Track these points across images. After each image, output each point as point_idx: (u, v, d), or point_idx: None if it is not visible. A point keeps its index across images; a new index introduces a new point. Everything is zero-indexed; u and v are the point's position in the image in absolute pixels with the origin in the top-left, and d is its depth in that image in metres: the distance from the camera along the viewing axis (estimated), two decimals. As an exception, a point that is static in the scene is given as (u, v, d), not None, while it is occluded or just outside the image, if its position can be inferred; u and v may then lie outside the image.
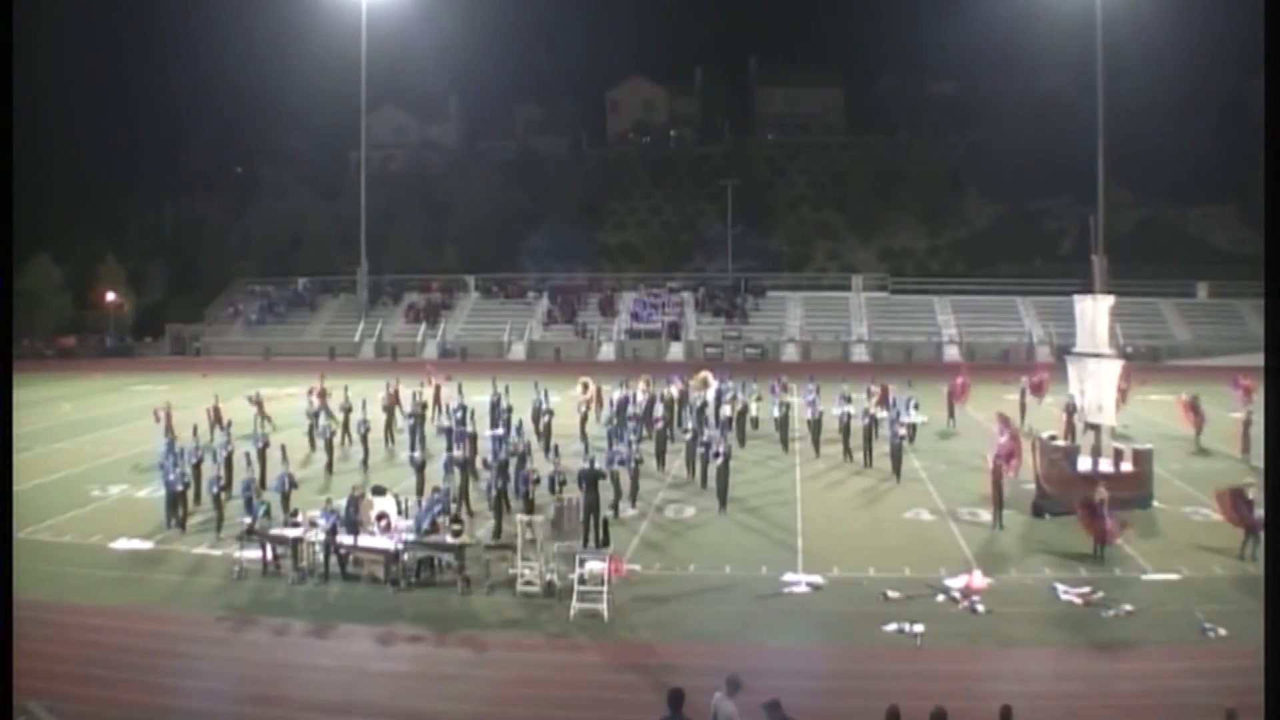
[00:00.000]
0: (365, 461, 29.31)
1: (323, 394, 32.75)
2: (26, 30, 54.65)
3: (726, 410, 31.83)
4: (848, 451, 29.83)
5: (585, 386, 34.67)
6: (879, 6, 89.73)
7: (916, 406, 32.63)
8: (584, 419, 33.03)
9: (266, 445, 26.40)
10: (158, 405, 32.44)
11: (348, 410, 32.38)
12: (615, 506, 23.57)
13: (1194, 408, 32.73)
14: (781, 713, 10.73)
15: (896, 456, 27.76)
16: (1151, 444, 26.50)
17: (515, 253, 78.26)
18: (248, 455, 23.97)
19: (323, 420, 30.85)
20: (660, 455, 29.13)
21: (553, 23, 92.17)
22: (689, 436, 28.56)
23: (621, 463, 24.27)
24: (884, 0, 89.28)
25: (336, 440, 29.93)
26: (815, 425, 30.89)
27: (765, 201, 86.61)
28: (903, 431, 29.04)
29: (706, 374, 35.62)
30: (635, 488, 24.71)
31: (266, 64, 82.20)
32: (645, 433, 30.18)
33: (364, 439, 30.19)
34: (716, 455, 24.96)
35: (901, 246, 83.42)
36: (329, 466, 28.43)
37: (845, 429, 29.93)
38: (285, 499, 22.21)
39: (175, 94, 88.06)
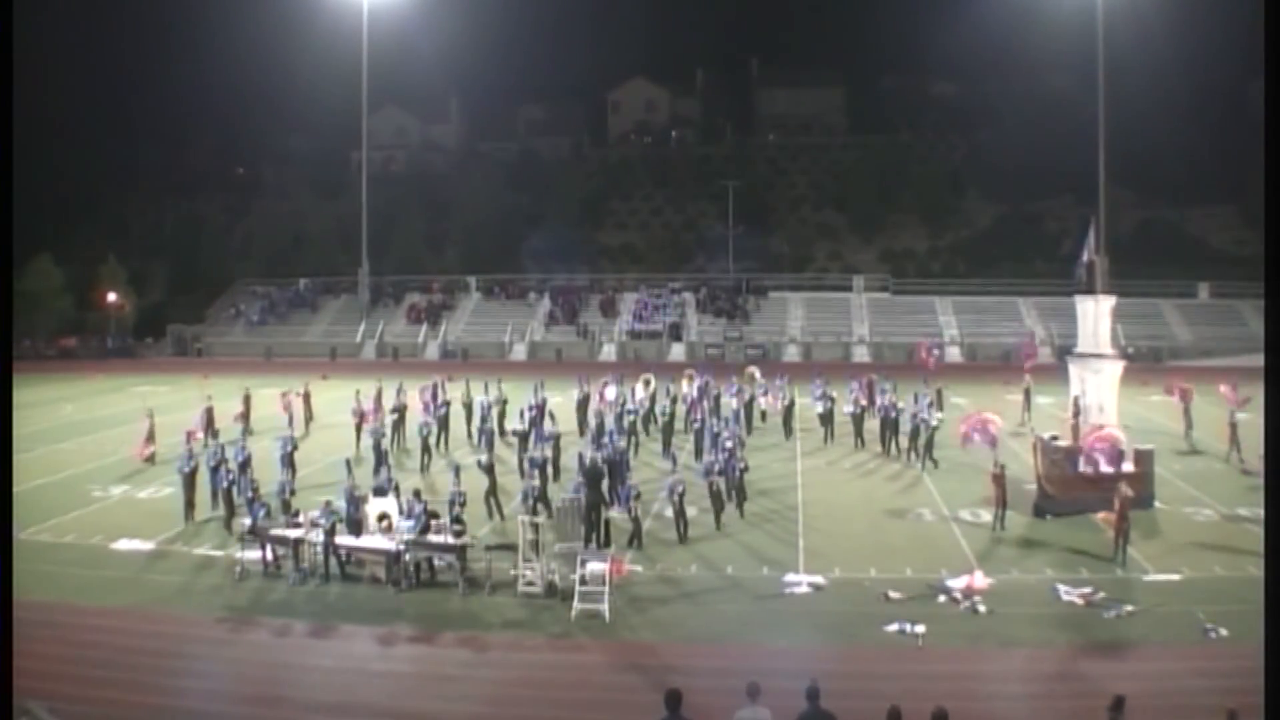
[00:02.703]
0: (426, 465, 29.06)
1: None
2: (27, 30, 54.67)
3: (734, 403, 33.60)
4: (885, 443, 31.15)
5: (647, 383, 35.51)
6: (880, 7, 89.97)
7: (931, 405, 32.73)
8: (647, 417, 33.69)
9: (295, 448, 26.45)
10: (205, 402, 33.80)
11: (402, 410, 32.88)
12: (718, 518, 22.83)
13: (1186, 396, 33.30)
14: (818, 702, 10.88)
15: (929, 448, 29.24)
16: (1153, 445, 26.49)
17: (516, 253, 78.33)
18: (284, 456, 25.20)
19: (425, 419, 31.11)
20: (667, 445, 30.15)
21: (554, 24, 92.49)
22: (697, 426, 29.68)
23: (720, 472, 23.50)
24: (885, 1, 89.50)
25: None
26: (858, 419, 32.49)
27: (766, 202, 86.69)
28: (935, 422, 30.02)
29: (753, 369, 37.98)
30: (743, 494, 23.89)
31: (267, 64, 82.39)
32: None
33: (425, 442, 29.82)
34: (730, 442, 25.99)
35: (903, 247, 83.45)
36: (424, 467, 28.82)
37: (890, 423, 31.33)
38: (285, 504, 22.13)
39: (176, 94, 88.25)
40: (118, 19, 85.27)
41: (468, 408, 32.68)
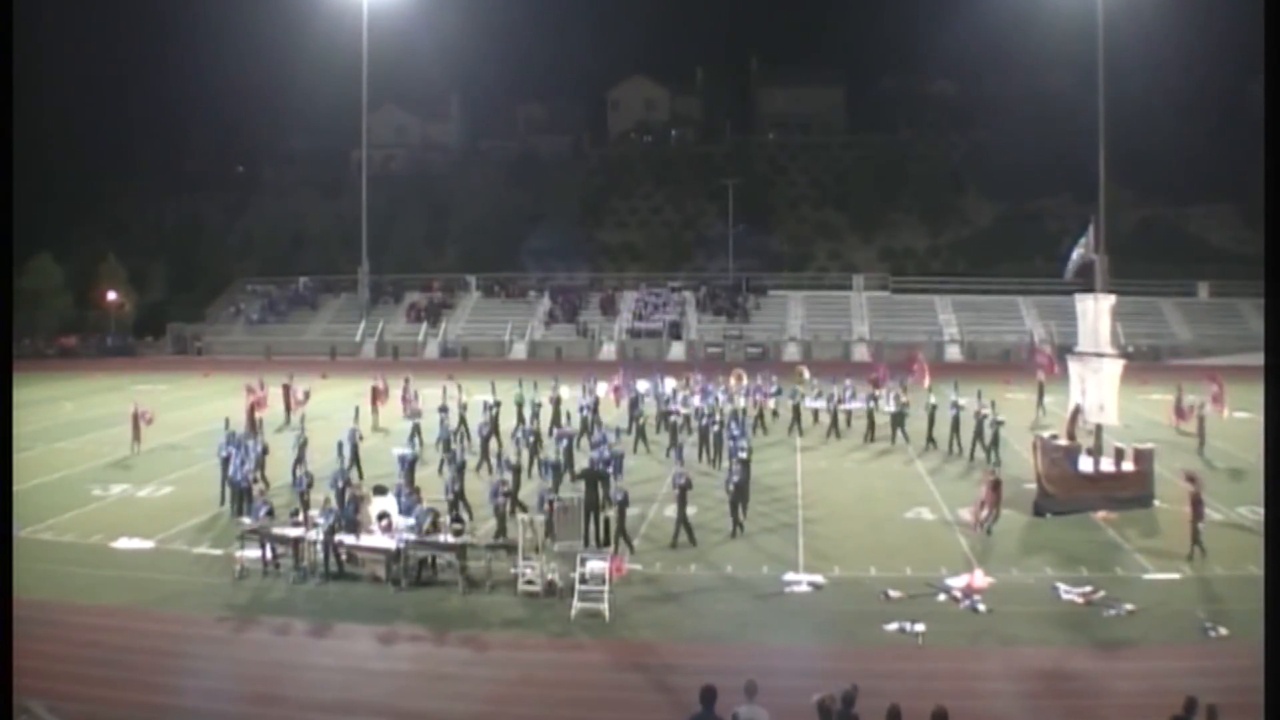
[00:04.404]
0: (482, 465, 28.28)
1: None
2: (27, 30, 54.61)
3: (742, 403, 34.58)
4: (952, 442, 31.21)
5: (739, 378, 36.15)
6: (880, 6, 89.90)
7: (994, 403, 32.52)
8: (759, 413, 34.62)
9: (361, 438, 26.46)
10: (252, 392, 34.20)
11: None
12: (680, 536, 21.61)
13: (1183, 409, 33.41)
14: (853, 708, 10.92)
15: (994, 444, 29.29)
16: (1152, 443, 26.49)
17: (516, 252, 78.32)
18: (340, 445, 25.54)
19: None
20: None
21: (554, 22, 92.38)
22: (716, 428, 29.68)
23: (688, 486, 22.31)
24: (885, 0, 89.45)
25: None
26: (899, 418, 32.84)
27: (766, 201, 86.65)
28: (1002, 419, 30.16)
29: (803, 369, 38.95)
30: (744, 504, 23.07)
31: (267, 64, 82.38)
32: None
33: (485, 443, 29.31)
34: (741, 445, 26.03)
35: (903, 246, 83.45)
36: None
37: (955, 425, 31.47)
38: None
39: (176, 94, 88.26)
40: (117, 17, 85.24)
41: (519, 406, 32.73)
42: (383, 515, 19.76)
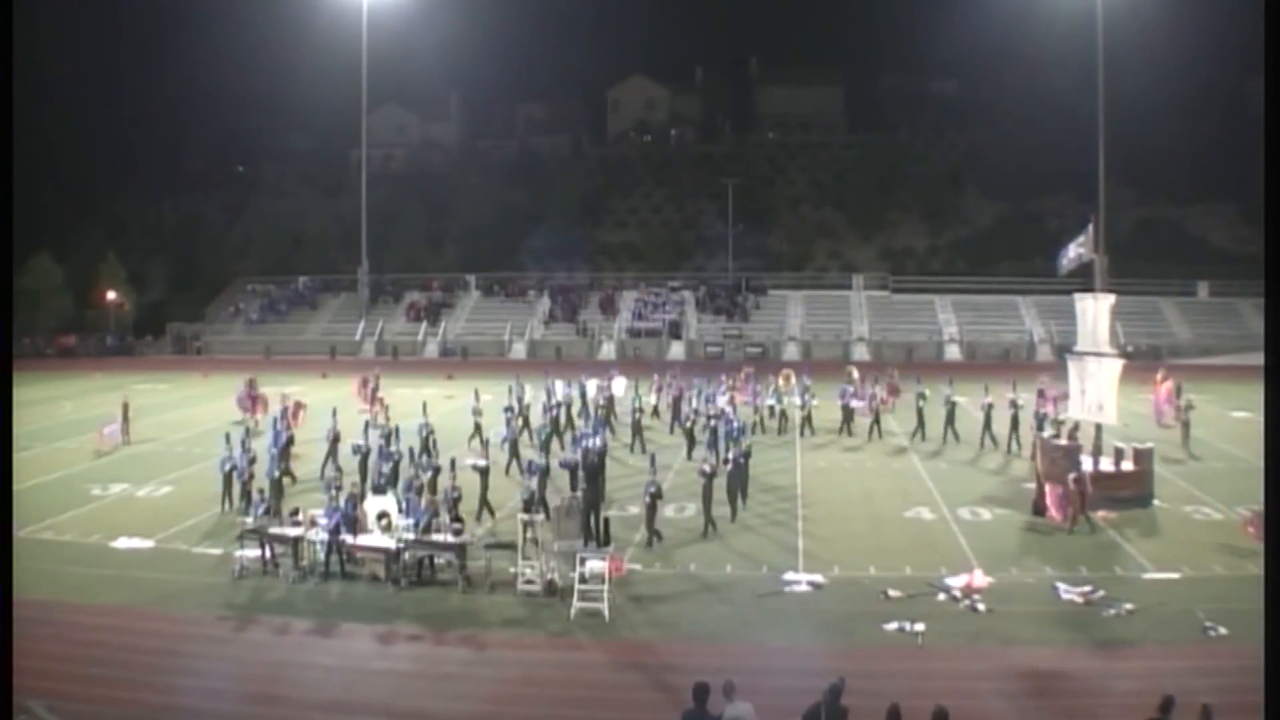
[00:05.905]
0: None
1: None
2: (27, 30, 54.59)
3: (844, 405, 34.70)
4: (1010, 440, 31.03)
5: (788, 379, 36.25)
6: (879, 6, 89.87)
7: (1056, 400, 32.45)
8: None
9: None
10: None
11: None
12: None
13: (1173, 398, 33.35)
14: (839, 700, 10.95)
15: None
16: (1152, 443, 26.51)
17: (516, 252, 78.38)
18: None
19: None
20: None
21: (554, 22, 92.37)
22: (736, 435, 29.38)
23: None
24: (885, 0, 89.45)
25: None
26: (950, 415, 32.87)
27: (766, 200, 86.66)
28: (1064, 418, 29.77)
29: (851, 368, 38.49)
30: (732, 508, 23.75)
31: (267, 63, 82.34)
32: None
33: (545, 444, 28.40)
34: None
35: (902, 245, 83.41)
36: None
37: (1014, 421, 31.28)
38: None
39: (175, 94, 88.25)
40: (117, 17, 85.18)
41: (566, 407, 32.58)
42: (382, 515, 19.76)
